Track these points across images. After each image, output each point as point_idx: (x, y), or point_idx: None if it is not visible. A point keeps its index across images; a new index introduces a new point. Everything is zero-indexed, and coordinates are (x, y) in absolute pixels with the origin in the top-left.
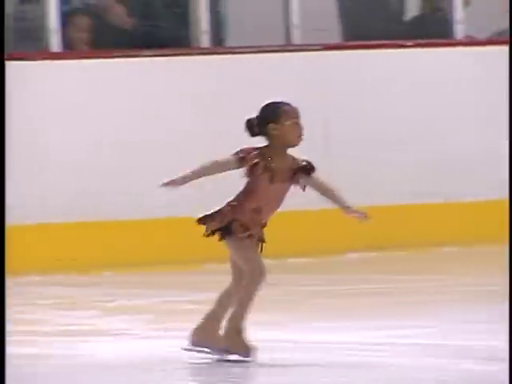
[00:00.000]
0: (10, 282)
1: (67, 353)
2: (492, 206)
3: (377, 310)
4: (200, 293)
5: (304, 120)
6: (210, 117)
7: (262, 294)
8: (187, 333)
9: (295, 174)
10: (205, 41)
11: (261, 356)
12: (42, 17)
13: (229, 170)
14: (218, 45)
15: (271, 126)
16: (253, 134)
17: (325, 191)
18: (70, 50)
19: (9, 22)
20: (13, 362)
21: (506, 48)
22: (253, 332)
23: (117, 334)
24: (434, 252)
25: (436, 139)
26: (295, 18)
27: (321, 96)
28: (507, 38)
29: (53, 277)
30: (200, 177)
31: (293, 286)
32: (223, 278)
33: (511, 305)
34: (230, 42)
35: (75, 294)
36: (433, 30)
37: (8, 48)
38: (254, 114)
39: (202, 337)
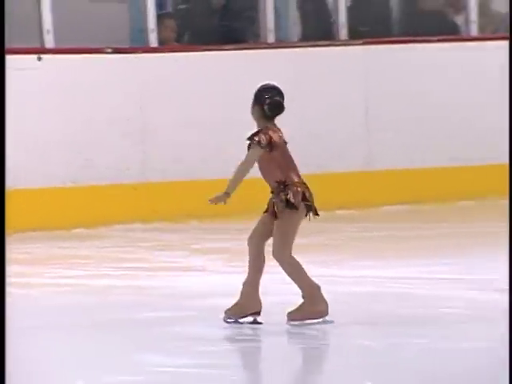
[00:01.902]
0: (118, 228)
1: (165, 284)
2: None
3: (410, 251)
4: None
5: None
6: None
7: (312, 239)
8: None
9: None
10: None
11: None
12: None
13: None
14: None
15: None
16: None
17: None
18: (163, 46)
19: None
20: (119, 291)
21: None
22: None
23: (200, 270)
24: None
25: None
26: None
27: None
28: None
29: (151, 224)
30: (239, 182)
31: (336, 233)
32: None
33: (511, 295)
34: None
35: (169, 238)
36: None
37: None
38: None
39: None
